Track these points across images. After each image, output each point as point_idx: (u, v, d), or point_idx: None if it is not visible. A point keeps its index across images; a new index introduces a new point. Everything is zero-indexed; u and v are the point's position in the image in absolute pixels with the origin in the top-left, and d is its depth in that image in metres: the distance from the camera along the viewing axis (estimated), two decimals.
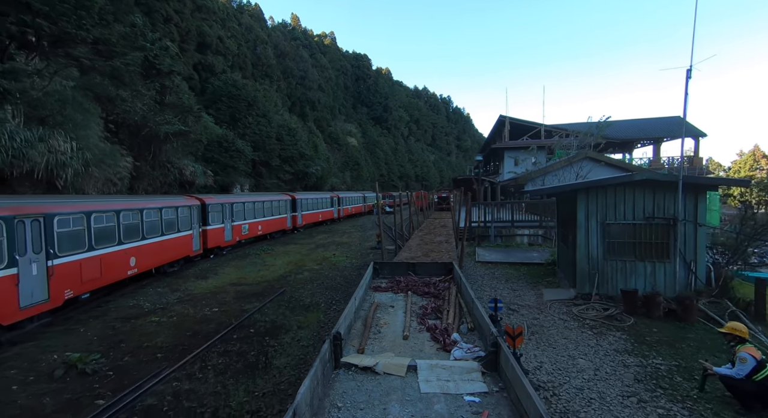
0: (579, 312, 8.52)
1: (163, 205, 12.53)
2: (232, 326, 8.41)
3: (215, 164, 32.50)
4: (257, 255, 17.56)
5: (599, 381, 5.60)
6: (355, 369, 3.63)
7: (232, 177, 34.31)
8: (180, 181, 26.69)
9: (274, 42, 59.87)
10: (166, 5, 36.08)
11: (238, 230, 18.05)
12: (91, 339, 7.73)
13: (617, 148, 43.28)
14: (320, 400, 3.10)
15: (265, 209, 20.83)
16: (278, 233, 23.40)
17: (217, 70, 41.84)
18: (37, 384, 5.96)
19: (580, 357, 6.39)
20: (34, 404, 5.44)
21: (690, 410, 4.81)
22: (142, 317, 9.18)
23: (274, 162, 40.24)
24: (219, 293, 11.37)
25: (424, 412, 2.92)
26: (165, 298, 10.74)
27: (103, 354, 6.99)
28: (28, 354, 6.96)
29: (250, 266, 15.33)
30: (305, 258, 16.87)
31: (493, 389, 3.25)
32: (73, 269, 8.54)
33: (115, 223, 10.08)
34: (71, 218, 8.59)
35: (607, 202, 9.26)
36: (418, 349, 4.27)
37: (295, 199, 25.29)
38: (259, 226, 20.22)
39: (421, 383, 3.33)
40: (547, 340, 7.14)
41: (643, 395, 5.19)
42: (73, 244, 8.60)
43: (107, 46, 14.64)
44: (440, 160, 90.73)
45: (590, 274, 9.33)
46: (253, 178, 38.81)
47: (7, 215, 7.04)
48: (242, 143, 35.10)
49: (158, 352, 7.21)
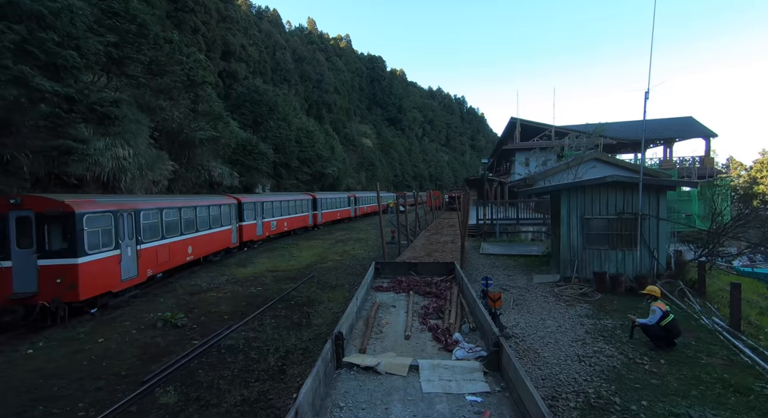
0: (558, 291, 10.47)
1: (210, 203, 14.97)
2: (276, 299, 10.69)
3: (240, 166, 35.17)
4: (284, 248, 19.95)
5: (558, 333, 7.59)
6: (357, 369, 3.66)
7: (255, 178, 36.98)
8: (209, 182, 29.41)
9: (292, 47, 62.71)
10: (194, 17, 39.08)
11: (267, 226, 20.48)
12: (171, 306, 10.13)
13: (629, 149, 44.19)
14: (322, 400, 3.12)
15: (289, 208, 23.24)
16: (301, 230, 25.80)
17: (240, 77, 44.72)
18: (147, 331, 8.34)
19: (549, 319, 8.39)
20: (151, 342, 7.80)
21: (617, 348, 6.78)
22: (203, 293, 11.57)
23: (293, 163, 42.83)
24: (259, 277, 13.73)
25: (426, 412, 2.94)
26: (216, 280, 13.15)
27: (185, 315, 9.35)
28: (133, 313, 9.40)
29: (280, 257, 17.69)
30: (327, 251, 19.15)
31: (495, 388, 3.28)
32: (153, 253, 10.99)
33: (178, 217, 12.53)
34: (151, 212, 11.04)
35: (585, 200, 11.17)
36: (420, 349, 4.32)
37: (315, 199, 27.67)
38: (285, 223, 22.63)
39: (423, 383, 3.35)
40: (527, 309, 9.15)
41: (587, 340, 7.19)
42: (152, 233, 11.05)
43: (158, 66, 17.21)
44: (454, 160, 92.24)
45: (571, 261, 11.26)
46: (273, 178, 41.46)
47: (114, 210, 9.48)
48: (264, 146, 37.74)
49: (224, 315, 9.54)
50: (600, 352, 6.71)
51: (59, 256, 8.23)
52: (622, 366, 6.13)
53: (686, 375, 5.78)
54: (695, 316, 8.14)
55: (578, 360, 6.37)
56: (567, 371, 5.99)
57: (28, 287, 8.13)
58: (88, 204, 8.80)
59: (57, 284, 8.16)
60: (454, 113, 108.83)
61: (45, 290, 8.15)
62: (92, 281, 8.66)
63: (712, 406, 4.92)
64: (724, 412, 4.77)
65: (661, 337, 6.58)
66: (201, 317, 9.39)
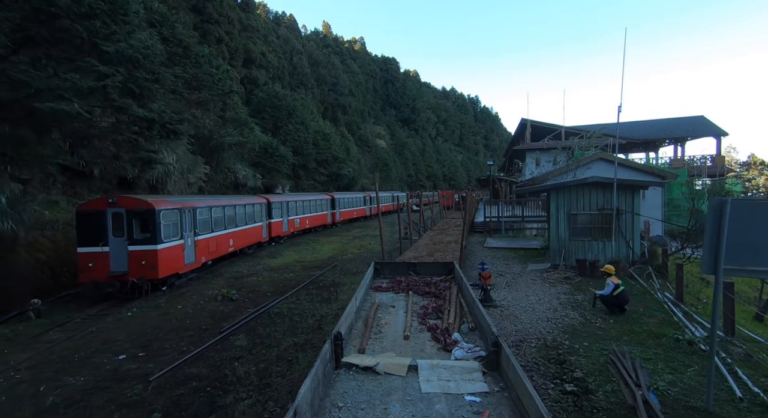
0: (546, 275, 12.43)
1: (246, 203, 17.41)
2: (307, 281, 12.98)
3: (262, 168, 37.86)
4: (307, 243, 22.32)
5: (537, 304, 9.60)
6: (356, 369, 3.70)
7: (275, 179, 39.62)
8: (235, 183, 32.11)
9: (308, 51, 65.46)
10: (218, 28, 42.02)
11: (292, 224, 22.90)
12: (223, 286, 12.52)
13: (641, 148, 45.13)
14: (321, 400, 3.15)
15: (311, 207, 25.65)
16: (320, 227, 28.20)
17: (260, 83, 47.53)
18: (211, 302, 10.73)
19: (532, 296, 10.39)
20: (216, 309, 10.17)
21: (580, 313, 8.77)
22: (245, 277, 13.96)
23: (310, 165, 45.37)
24: (289, 265, 16.07)
25: (425, 412, 2.97)
26: (254, 267, 15.56)
27: (237, 292, 11.72)
28: (195, 290, 11.83)
29: (305, 250, 20.05)
30: (346, 245, 21.43)
31: (494, 388, 3.32)
32: (205, 244, 13.42)
33: (223, 214, 14.97)
34: (204, 210, 13.48)
35: (571, 198, 13.09)
36: (419, 349, 4.37)
37: (334, 199, 30.04)
38: (307, 220, 25.04)
39: (422, 383, 3.38)
40: (516, 288, 11.16)
41: (558, 308, 9.19)
42: (205, 227, 13.48)
43: (197, 81, 19.78)
44: (468, 160, 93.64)
45: (559, 250, 13.19)
46: (292, 179, 44.11)
47: (180, 207, 11.93)
48: (284, 149, 40.35)
49: (267, 292, 11.86)
50: (565, 316, 8.71)
51: (144, 243, 10.69)
52: (579, 325, 8.14)
53: (625, 329, 7.75)
54: (651, 292, 10.02)
55: (546, 321, 8.40)
56: (536, 327, 8.03)
57: (121, 267, 10.61)
58: (163, 203, 11.26)
59: (142, 265, 10.62)
60: (468, 113, 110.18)
61: (133, 270, 10.62)
62: (167, 263, 11.11)
63: (633, 345, 6.90)
64: (638, 347, 6.76)
65: (614, 304, 8.54)
66: (249, 293, 11.74)
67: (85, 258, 10.42)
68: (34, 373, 6.65)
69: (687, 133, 39.95)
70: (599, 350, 6.80)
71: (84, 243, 10.44)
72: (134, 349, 7.63)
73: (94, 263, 10.40)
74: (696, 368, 5.95)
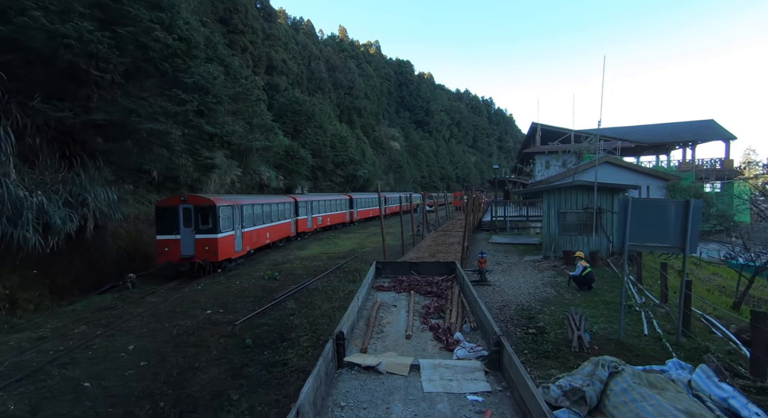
0: (537, 264, 14.82)
1: (278, 202, 20.26)
2: (333, 267, 15.66)
3: (283, 170, 40.87)
4: (329, 239, 25.09)
5: (523, 284, 12.03)
6: (358, 369, 3.79)
7: (295, 180, 42.61)
8: (260, 184, 35.16)
9: (325, 56, 68.61)
10: (243, 38, 45.33)
11: (315, 221, 25.71)
12: (266, 270, 15.29)
13: (651, 151, 46.59)
14: (323, 399, 3.22)
15: (332, 206, 28.43)
16: (339, 225, 30.97)
17: (281, 88, 50.73)
18: (260, 281, 13.51)
19: (521, 278, 12.83)
20: (265, 285, 12.93)
21: (556, 290, 11.18)
22: (281, 264, 16.73)
23: (328, 167, 48.29)
24: (316, 256, 18.81)
25: (427, 411, 3.04)
26: (287, 257, 18.35)
27: (279, 274, 14.48)
28: (244, 272, 14.65)
29: (327, 244, 22.80)
30: (364, 241, 24.10)
31: (497, 388, 3.38)
32: (249, 236, 16.25)
33: (261, 211, 17.80)
34: (248, 206, 16.31)
35: (560, 198, 15.43)
36: (421, 348, 4.45)
37: (352, 199, 32.77)
38: (328, 218, 27.84)
39: (424, 383, 3.46)
40: (510, 273, 13.60)
41: (539, 286, 11.62)
42: (249, 221, 16.32)
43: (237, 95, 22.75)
44: (481, 161, 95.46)
45: (550, 243, 15.55)
46: (311, 181, 47.11)
47: (232, 204, 14.78)
48: (304, 152, 43.34)
49: (302, 275, 14.58)
50: (543, 291, 11.15)
51: (207, 232, 13.54)
52: (552, 297, 10.57)
53: (587, 299, 10.16)
54: (620, 275, 12.33)
55: (527, 294, 10.85)
56: (518, 298, 10.49)
57: (189, 252, 13.49)
58: (221, 200, 14.12)
59: (206, 250, 13.47)
60: (482, 115, 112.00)
61: (199, 254, 13.47)
62: (224, 249, 13.95)
63: (588, 308, 9.31)
64: (591, 310, 9.17)
65: (582, 282, 10.94)
66: (288, 275, 14.49)
67: (162, 244, 13.33)
68: (153, 319, 9.48)
69: (696, 136, 41.26)
70: (561, 311, 9.23)
71: (161, 232, 13.35)
72: (215, 307, 10.41)
73: (169, 247, 13.30)
74: (626, 321, 8.35)
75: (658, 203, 7.40)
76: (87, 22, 9.79)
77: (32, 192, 9.77)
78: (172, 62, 11.75)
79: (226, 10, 43.58)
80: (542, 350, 7.11)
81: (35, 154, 10.87)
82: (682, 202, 6.80)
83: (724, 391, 4.70)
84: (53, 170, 11.06)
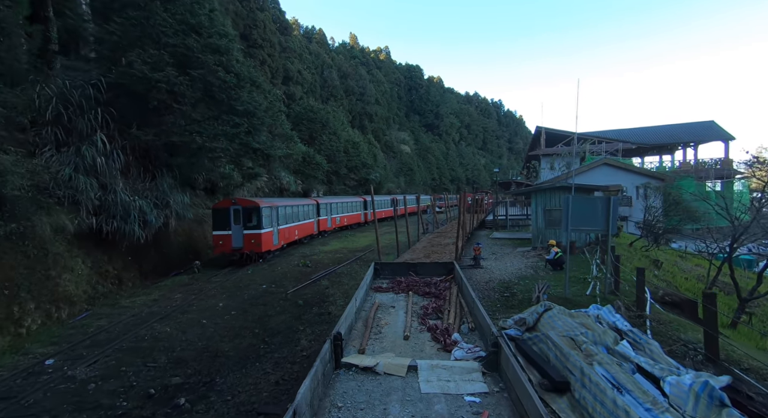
0: (525, 253, 17.85)
1: (304, 204, 23.71)
2: (353, 258, 18.95)
3: (301, 175, 44.42)
4: (347, 237, 28.43)
5: (509, 267, 15.10)
6: (356, 369, 3.87)
7: (311, 184, 46.15)
8: (280, 188, 38.75)
9: (337, 64, 72.39)
10: (262, 51, 49.24)
11: (334, 221, 29.11)
12: (299, 260, 18.65)
13: (654, 152, 48.87)
14: (320, 400, 3.27)
15: (348, 207, 31.81)
16: (355, 225, 34.31)
17: (297, 97, 54.48)
18: (295, 267, 16.88)
19: (509, 263, 15.89)
20: (300, 270, 16.30)
21: (534, 270, 14.23)
22: (310, 256, 20.09)
23: (342, 171, 51.78)
24: (337, 250, 22.14)
25: (425, 412, 3.10)
26: (312, 250, 21.73)
27: (310, 263, 17.82)
28: (281, 262, 18.05)
29: (346, 241, 26.14)
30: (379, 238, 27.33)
31: (494, 389, 3.46)
32: (283, 232, 19.67)
33: (292, 212, 21.22)
34: (282, 208, 19.74)
35: (546, 198, 18.45)
36: (419, 349, 4.59)
37: (366, 201, 36.09)
38: (345, 219, 31.22)
39: (421, 384, 3.54)
40: (501, 260, 16.67)
41: (522, 268, 14.69)
42: (283, 220, 19.75)
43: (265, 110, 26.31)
44: (491, 163, 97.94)
45: (537, 236, 18.57)
46: (326, 184, 50.65)
47: (272, 205, 18.22)
48: (319, 157, 46.88)
49: (329, 264, 17.90)
50: (524, 272, 14.21)
51: (253, 228, 16.97)
52: (529, 275, 13.63)
53: (556, 277, 13.19)
54: (590, 261, 15.31)
55: (510, 274, 13.93)
56: (502, 276, 13.58)
57: (239, 244, 16.93)
58: (263, 202, 17.58)
59: (252, 243, 16.89)
60: (491, 117, 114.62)
61: (246, 246, 16.90)
62: (266, 242, 17.37)
63: (553, 282, 12.34)
64: (556, 282, 12.21)
65: (555, 264, 13.98)
66: (317, 264, 17.83)
67: (217, 238, 16.82)
68: (225, 290, 12.88)
69: (696, 138, 43.42)
70: (533, 283, 12.31)
71: (217, 228, 16.84)
72: (267, 284, 13.79)
73: (223, 241, 16.78)
74: (578, 287, 11.39)
75: (590, 199, 10.48)
76: (170, 69, 13.32)
77: (132, 197, 13.30)
78: (228, 93, 15.23)
79: (246, 26, 47.56)
80: (510, 304, 10.24)
81: (128, 169, 14.45)
82: (606, 199, 9.86)
83: (615, 317, 7.79)
84: (140, 180, 14.63)
